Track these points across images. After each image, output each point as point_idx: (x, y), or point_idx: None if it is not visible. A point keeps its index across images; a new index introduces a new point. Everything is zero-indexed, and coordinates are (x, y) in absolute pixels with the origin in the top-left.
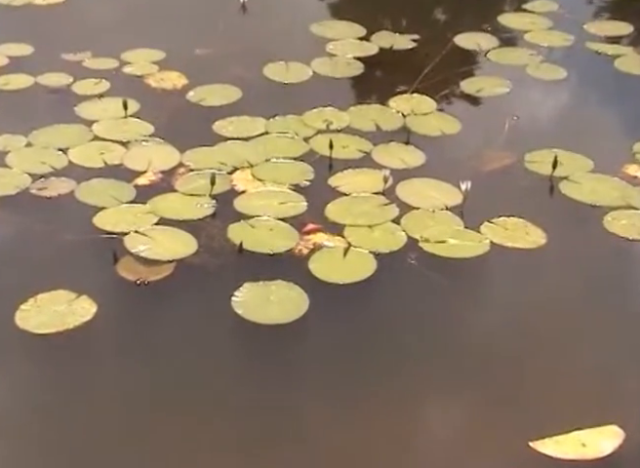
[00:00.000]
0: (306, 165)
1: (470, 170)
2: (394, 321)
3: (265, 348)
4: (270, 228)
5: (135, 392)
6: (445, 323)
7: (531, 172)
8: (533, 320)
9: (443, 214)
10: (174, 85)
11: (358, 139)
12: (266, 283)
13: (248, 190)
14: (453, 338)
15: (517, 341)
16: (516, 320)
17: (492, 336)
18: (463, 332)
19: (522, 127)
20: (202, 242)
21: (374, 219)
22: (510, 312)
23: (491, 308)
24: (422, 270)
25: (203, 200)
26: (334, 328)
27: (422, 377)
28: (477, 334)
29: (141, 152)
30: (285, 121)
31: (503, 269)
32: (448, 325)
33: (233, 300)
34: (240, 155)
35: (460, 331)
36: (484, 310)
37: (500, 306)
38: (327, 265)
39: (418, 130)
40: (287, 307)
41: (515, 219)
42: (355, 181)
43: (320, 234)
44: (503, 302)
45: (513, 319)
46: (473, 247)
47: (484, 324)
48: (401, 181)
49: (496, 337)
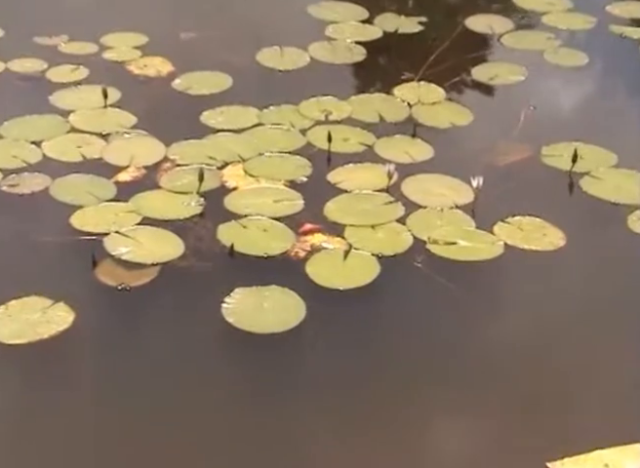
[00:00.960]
0: (303, 159)
1: (482, 165)
2: (399, 330)
3: (259, 360)
4: (264, 229)
5: (111, 417)
6: (455, 333)
7: (549, 167)
8: (551, 330)
9: (452, 213)
10: (158, 72)
11: (360, 131)
12: (260, 288)
13: (239, 187)
14: (464, 350)
15: (534, 354)
16: (533, 330)
17: (507, 349)
18: (475, 344)
19: (539, 118)
20: (189, 244)
21: (377, 219)
22: (526, 321)
23: (505, 317)
24: (430, 274)
25: (190, 198)
26: (333, 338)
27: (431, 393)
28: (490, 346)
29: (123, 145)
30: (280, 111)
31: (519, 274)
32: (458, 336)
33: (224, 307)
34: (231, 149)
35: (472, 343)
36: (497, 319)
37: (516, 315)
38: (326, 269)
39: (425, 121)
40: (282, 315)
41: (531, 219)
42: (357, 177)
43: (318, 235)
44: (519, 311)
45: (530, 329)
46: (486, 249)
47: (498, 334)
48: (407, 177)
49: (511, 350)
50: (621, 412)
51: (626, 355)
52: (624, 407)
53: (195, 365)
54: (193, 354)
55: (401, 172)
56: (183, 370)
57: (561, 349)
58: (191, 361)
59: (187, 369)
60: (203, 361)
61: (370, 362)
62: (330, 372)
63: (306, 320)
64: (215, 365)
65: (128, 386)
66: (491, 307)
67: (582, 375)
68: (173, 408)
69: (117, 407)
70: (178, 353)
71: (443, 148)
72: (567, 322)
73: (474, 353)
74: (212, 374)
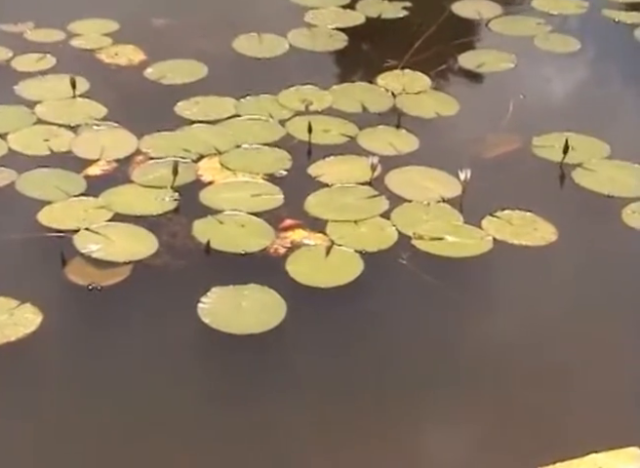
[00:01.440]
0: (283, 152)
1: (470, 156)
2: (383, 331)
3: (237, 362)
4: (242, 224)
5: (81, 422)
6: (443, 333)
7: (539, 158)
8: (544, 329)
9: (439, 207)
10: (129, 60)
11: (342, 122)
12: (238, 287)
13: (216, 181)
14: (452, 351)
15: (526, 354)
16: (525, 329)
17: (498, 349)
18: (464, 344)
19: (529, 107)
20: (163, 240)
21: (360, 214)
22: (518, 320)
23: (495, 316)
24: (416, 271)
25: (164, 192)
26: (315, 339)
27: (419, 396)
28: (480, 347)
29: (93, 138)
30: (258, 101)
31: (509, 270)
32: (446, 336)
33: (200, 307)
34: (206, 141)
35: (461, 343)
36: (487, 318)
37: (506, 314)
38: (307, 267)
39: (410, 111)
40: (261, 315)
41: (522, 213)
42: (339, 170)
43: (299, 231)
44: (509, 309)
45: (521, 328)
46: (474, 245)
47: (488, 334)
48: (391, 170)
49: (502, 350)
50: (617, 414)
51: (622, 354)
52: (620, 408)
53: (169, 368)
54: (167, 357)
55: (385, 164)
56: (156, 373)
57: (554, 349)
58: (165, 364)
59: (160, 372)
60: (177, 364)
61: (353, 365)
62: (311, 376)
63: (287, 320)
64: (189, 368)
65: (97, 390)
66: (480, 306)
67: (576, 376)
68: (143, 411)
69: (86, 410)
70: (151, 356)
71: (429, 139)
72: (560, 320)
73: (463, 354)
74: (186, 378)
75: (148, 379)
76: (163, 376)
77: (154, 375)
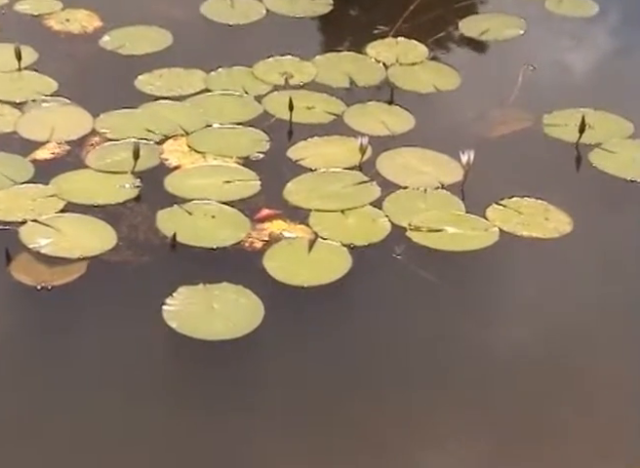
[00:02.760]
0: (259, 132)
1: (473, 136)
2: (374, 336)
3: (206, 373)
4: (213, 215)
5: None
6: (441, 339)
7: (552, 138)
8: (555, 334)
9: (438, 194)
10: (82, 27)
11: (327, 98)
12: (208, 287)
13: (183, 165)
14: (451, 359)
15: (534, 364)
16: (533, 334)
17: (502, 357)
18: (464, 351)
19: (540, 80)
20: (123, 234)
21: (348, 202)
22: (526, 324)
23: (500, 319)
24: (412, 268)
25: (124, 179)
26: (296, 346)
27: (413, 411)
28: (482, 354)
29: (41, 116)
30: (230, 74)
31: (517, 266)
32: (445, 341)
33: (165, 310)
34: (172, 119)
35: (461, 350)
36: (491, 321)
37: (513, 316)
38: (287, 263)
39: (404, 85)
40: (235, 318)
41: (532, 201)
42: (323, 153)
43: (278, 222)
44: (517, 310)
45: (530, 333)
46: (477, 237)
47: (491, 340)
48: (383, 152)
49: (507, 359)
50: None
51: None
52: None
53: (128, 381)
54: (126, 367)
55: (376, 146)
56: (113, 387)
57: (566, 357)
58: (124, 376)
59: (118, 386)
60: (138, 376)
61: (339, 375)
62: (291, 389)
63: (264, 324)
64: (152, 380)
65: (44, 407)
66: (483, 306)
67: (593, 390)
68: (95, 433)
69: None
70: (108, 367)
71: (426, 117)
72: (573, 324)
73: (463, 362)
74: (148, 393)
75: (104, 394)
76: (121, 391)
77: (111, 390)
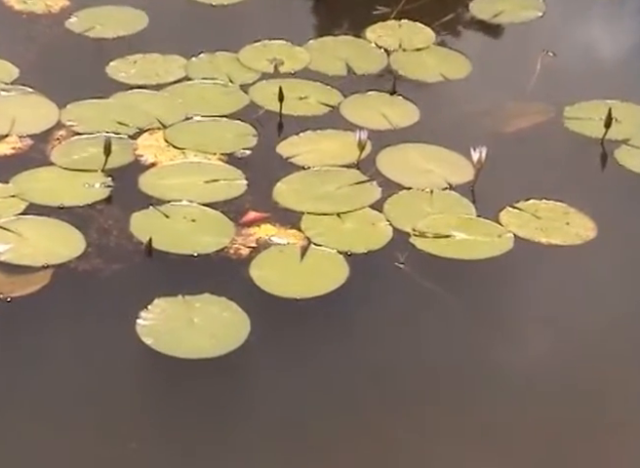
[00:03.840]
0: (246, 125)
1: (485, 131)
2: (374, 357)
3: (185, 397)
4: (193, 218)
5: None
6: (449, 359)
7: (574, 133)
8: (577, 354)
9: (445, 195)
10: (47, 7)
11: (321, 88)
12: (188, 299)
13: (160, 162)
14: (463, 384)
15: (553, 388)
16: (553, 355)
17: (517, 381)
18: (475, 373)
19: (561, 68)
20: (92, 239)
21: (344, 204)
22: (544, 342)
23: (515, 336)
24: (416, 278)
25: (93, 177)
26: (286, 366)
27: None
28: (495, 376)
29: (0, 107)
30: (213, 61)
31: (534, 276)
32: (455, 363)
33: (139, 325)
34: (148, 111)
35: (470, 371)
36: (505, 339)
37: (530, 333)
38: (276, 272)
39: (408, 73)
40: (218, 334)
41: (551, 203)
42: (317, 149)
43: (266, 226)
44: (534, 327)
45: (548, 353)
46: (490, 244)
47: (505, 360)
48: (384, 148)
49: (523, 383)
50: None
51: None
52: None
53: (98, 405)
54: (96, 390)
55: (376, 141)
56: (81, 413)
57: (592, 380)
58: (93, 400)
59: (87, 412)
60: (109, 400)
61: (334, 401)
62: (278, 417)
63: (250, 341)
64: (124, 405)
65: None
66: (497, 322)
67: (620, 416)
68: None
69: None
70: (75, 389)
71: (432, 109)
72: (599, 342)
73: (473, 385)
74: (119, 419)
75: (70, 421)
76: (90, 417)
77: (77, 419)
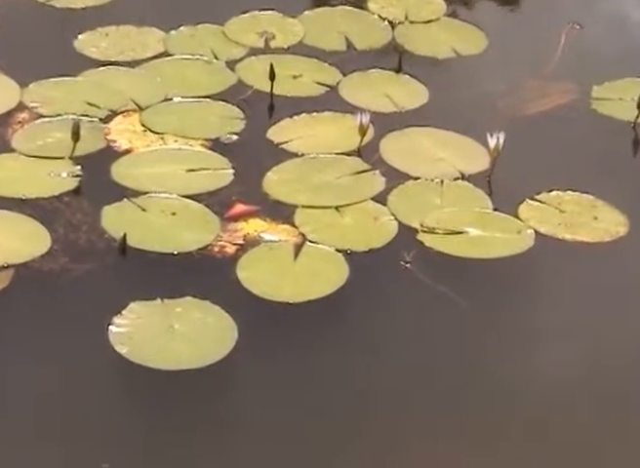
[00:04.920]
0: (232, 107)
1: (503, 114)
2: (378, 369)
3: (163, 413)
4: (173, 212)
5: None
6: (460, 371)
7: (602, 116)
8: (605, 368)
9: (458, 187)
10: None
11: (317, 65)
12: (168, 303)
13: (135, 149)
14: (479, 402)
15: (586, 406)
16: (578, 368)
17: (537, 398)
18: (496, 392)
19: (588, 42)
20: (59, 235)
21: (344, 197)
22: (573, 353)
23: (540, 348)
24: (424, 280)
25: (60, 165)
26: (277, 378)
27: None
28: (512, 392)
29: None
30: (196, 34)
31: (559, 278)
32: (469, 378)
33: (112, 332)
34: (121, 91)
35: (491, 390)
36: (524, 350)
37: (557, 344)
38: (267, 273)
39: (415, 48)
40: (201, 342)
41: (576, 195)
42: (313, 134)
43: (255, 221)
44: (562, 336)
45: (573, 367)
46: (508, 241)
47: (524, 374)
48: (389, 133)
49: (552, 402)
50: None
51: None
52: None
53: (66, 421)
54: (63, 404)
55: (380, 125)
56: (46, 432)
57: (625, 397)
58: (59, 417)
59: (52, 430)
60: (77, 414)
61: (331, 421)
62: (267, 438)
63: (237, 351)
64: (97, 422)
65: None
66: (516, 330)
67: None
68: None
69: None
70: (39, 404)
71: (443, 89)
72: (632, 352)
73: (488, 401)
74: (89, 438)
75: (33, 445)
76: (57, 436)
77: (43, 438)
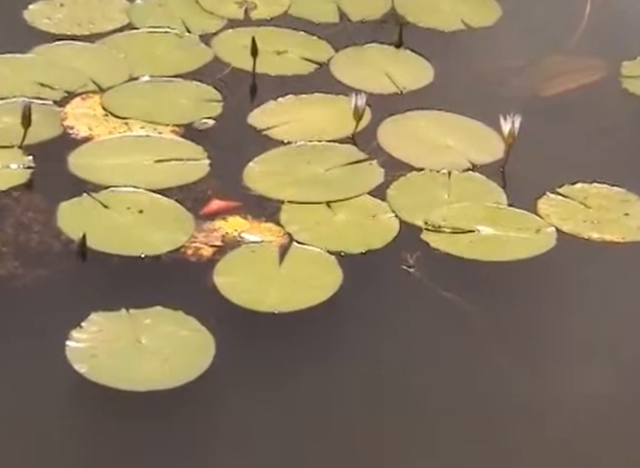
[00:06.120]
0: (207, 87)
1: (519, 94)
2: (372, 390)
3: (131, 439)
4: (140, 209)
5: None
6: (470, 390)
7: (633, 96)
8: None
9: (467, 178)
10: None
11: (305, 39)
12: (134, 313)
13: (96, 136)
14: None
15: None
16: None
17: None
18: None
19: (617, 11)
20: (7, 236)
21: (336, 191)
22: (603, 371)
23: (565, 365)
24: (429, 286)
25: (8, 155)
26: (259, 399)
27: None
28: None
29: None
30: (165, 3)
31: (585, 283)
32: (482, 399)
33: (69, 347)
34: (79, 69)
35: (498, 409)
36: (551, 369)
37: (583, 360)
38: (248, 279)
39: (418, 19)
40: (173, 359)
41: (604, 188)
42: (301, 119)
43: (235, 219)
44: (589, 351)
45: (610, 385)
46: (525, 241)
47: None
48: (388, 118)
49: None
50: None
51: None
52: None
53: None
54: (13, 433)
55: (378, 108)
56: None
57: None
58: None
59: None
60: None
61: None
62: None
63: (215, 368)
64: (51, 450)
65: None
66: (535, 344)
67: None
68: None
69: None
70: None
71: (450, 67)
72: None
73: (500, 428)
74: None
75: None
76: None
77: None
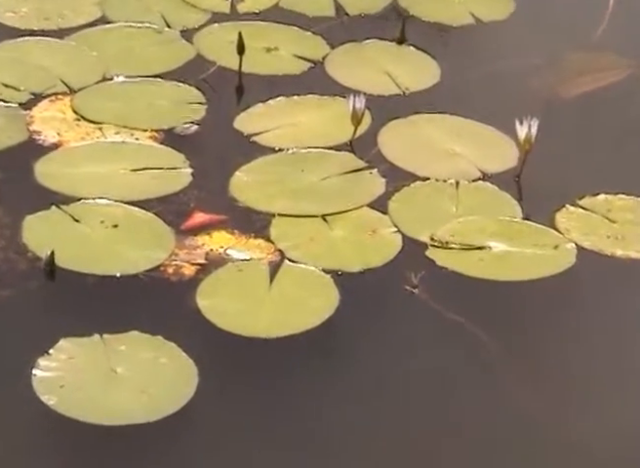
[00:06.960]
0: (190, 89)
1: (536, 96)
2: (371, 422)
3: None
4: (114, 224)
5: None
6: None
7: None
8: None
9: (478, 189)
10: None
11: (298, 34)
12: (108, 338)
13: (65, 143)
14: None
15: None
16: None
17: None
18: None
19: None
20: None
21: (332, 203)
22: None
23: (588, 398)
24: (435, 308)
25: None
26: (247, 434)
27: None
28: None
29: None
30: None
31: (606, 306)
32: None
33: (36, 377)
34: (47, 68)
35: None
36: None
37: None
38: (235, 301)
39: (422, 13)
40: (151, 390)
41: (630, 200)
42: (293, 123)
43: (220, 234)
44: (614, 381)
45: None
46: (543, 258)
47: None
48: (389, 122)
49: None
50: None
51: None
52: None
53: None
54: None
55: (378, 111)
56: None
57: None
58: None
59: None
60: None
61: None
62: None
63: (199, 399)
64: None
65: None
66: (550, 373)
67: None
68: None
69: None
70: None
71: (458, 65)
72: None
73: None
74: None
75: None
76: None
77: None
